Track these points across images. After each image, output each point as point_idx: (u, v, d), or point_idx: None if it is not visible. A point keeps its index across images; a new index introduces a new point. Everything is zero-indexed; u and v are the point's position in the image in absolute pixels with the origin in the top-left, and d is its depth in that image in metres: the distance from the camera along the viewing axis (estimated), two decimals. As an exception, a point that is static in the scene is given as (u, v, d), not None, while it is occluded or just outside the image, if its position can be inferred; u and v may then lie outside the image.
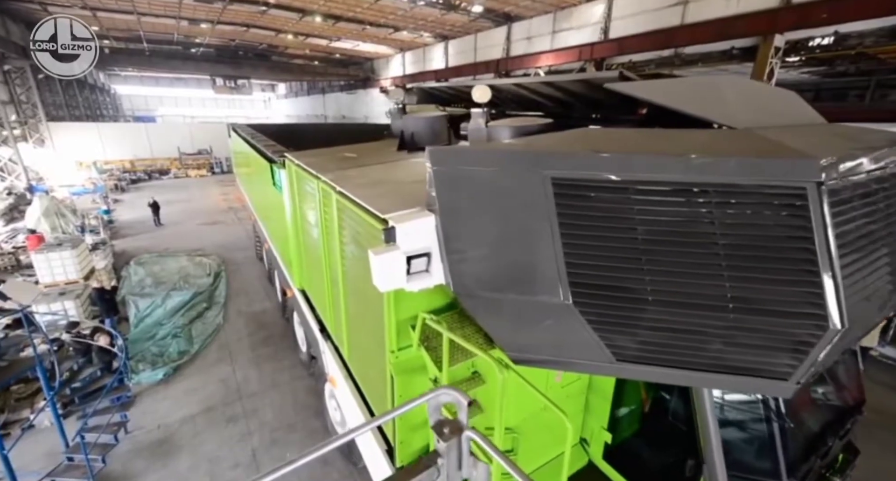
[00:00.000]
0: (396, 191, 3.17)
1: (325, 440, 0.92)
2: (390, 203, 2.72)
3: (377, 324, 3.10)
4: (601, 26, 15.01)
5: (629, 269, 1.85)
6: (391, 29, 22.23)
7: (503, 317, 2.26)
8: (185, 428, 6.21)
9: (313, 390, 6.91)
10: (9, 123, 18.85)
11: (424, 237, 2.31)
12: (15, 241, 13.24)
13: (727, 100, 2.78)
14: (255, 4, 18.66)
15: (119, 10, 19.68)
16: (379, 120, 29.34)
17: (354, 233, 3.23)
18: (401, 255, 2.25)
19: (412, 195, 2.81)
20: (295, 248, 5.69)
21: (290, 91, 49.04)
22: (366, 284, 2.99)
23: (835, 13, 9.39)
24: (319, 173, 4.01)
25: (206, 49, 29.99)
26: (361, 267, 3.18)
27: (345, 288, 3.86)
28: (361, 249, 3.05)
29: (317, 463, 5.45)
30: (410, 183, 3.41)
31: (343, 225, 3.50)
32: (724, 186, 1.71)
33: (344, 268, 3.77)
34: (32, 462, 5.58)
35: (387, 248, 2.28)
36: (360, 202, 2.98)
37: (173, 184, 25.47)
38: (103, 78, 38.85)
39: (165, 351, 7.84)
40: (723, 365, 1.85)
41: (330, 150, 5.36)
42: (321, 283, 4.64)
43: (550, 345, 2.17)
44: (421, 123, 4.81)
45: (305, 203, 4.80)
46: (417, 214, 2.35)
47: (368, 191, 3.21)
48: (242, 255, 12.91)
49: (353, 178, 3.73)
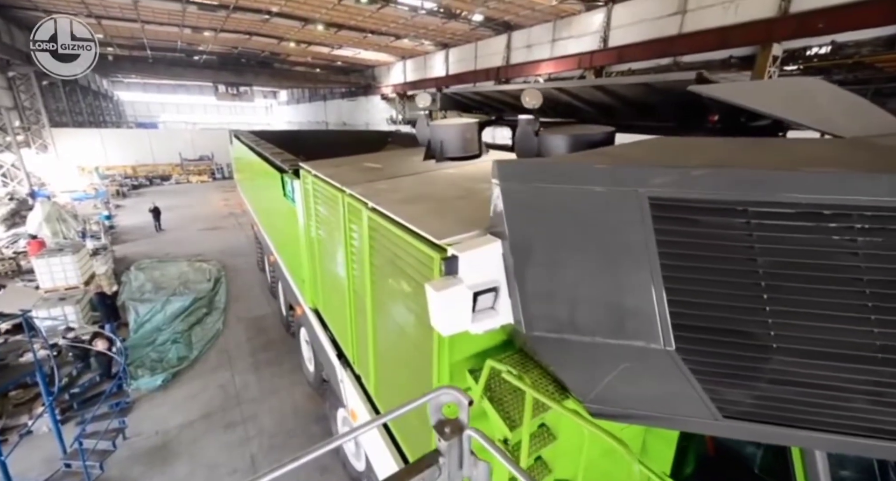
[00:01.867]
0: (441, 209, 2.75)
1: (322, 442, 0.92)
2: (441, 224, 2.36)
3: (421, 366, 2.66)
4: (600, 35, 15.19)
5: (748, 310, 1.54)
6: (392, 37, 22.49)
7: (584, 363, 1.94)
8: (184, 434, 6.18)
9: (312, 396, 6.89)
10: (12, 129, 18.98)
11: (491, 268, 1.96)
12: (16, 246, 13.27)
13: (821, 104, 2.45)
14: (257, 13, 18.90)
15: (123, 18, 19.92)
16: (380, 127, 29.66)
17: (391, 256, 2.81)
18: (466, 291, 1.90)
19: (460, 214, 2.51)
20: (309, 266, 5.27)
21: (291, 98, 49.43)
22: (406, 317, 2.73)
23: (832, 23, 9.51)
24: (344, 186, 3.57)
25: (208, 56, 30.31)
26: (399, 297, 2.81)
27: (374, 317, 3.41)
28: (401, 277, 2.69)
29: (315, 470, 5.42)
30: (454, 199, 2.99)
31: (375, 246, 3.08)
32: (876, 209, 1.35)
33: (374, 296, 3.32)
34: (30, 468, 5.54)
35: (448, 282, 1.92)
36: (405, 223, 2.54)
37: (174, 190, 25.55)
38: (106, 84, 39.21)
39: (165, 356, 7.82)
40: (865, 427, 1.51)
41: (348, 160, 4.98)
42: (341, 308, 4.20)
43: (640, 397, 1.87)
44: (451, 132, 4.45)
45: (324, 218, 4.34)
46: (481, 240, 1.99)
47: (409, 208, 2.78)
48: (242, 261, 12.93)
49: (385, 193, 3.27)
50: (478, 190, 3.19)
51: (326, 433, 6.10)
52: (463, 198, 3.00)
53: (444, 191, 3.29)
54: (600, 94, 3.59)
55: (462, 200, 2.92)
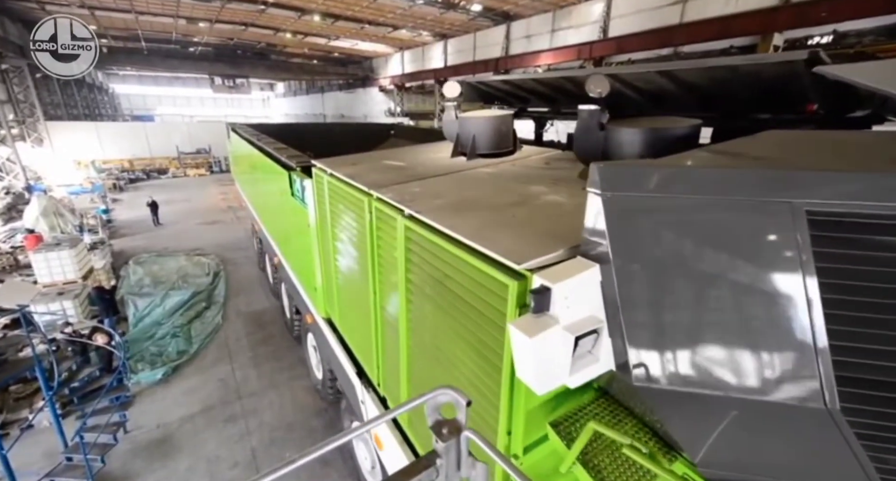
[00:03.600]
0: (499, 220, 2.30)
1: (324, 440, 0.91)
2: (511, 241, 1.96)
3: (483, 411, 2.20)
4: (600, 25, 15.04)
5: None
6: (390, 28, 22.22)
7: (706, 421, 1.55)
8: (185, 427, 6.21)
9: (312, 391, 6.92)
10: (7, 123, 18.79)
11: (589, 301, 1.57)
12: (13, 241, 13.22)
13: None
14: (253, 3, 18.63)
15: (117, 9, 19.62)
16: (378, 119, 29.46)
17: (438, 275, 2.37)
18: (566, 336, 1.50)
19: (525, 227, 2.12)
20: (322, 273, 4.85)
21: (288, 90, 48.99)
22: (459, 350, 2.32)
23: (834, 12, 9.41)
24: (371, 188, 3.14)
25: (204, 48, 29.93)
26: (449, 324, 2.36)
27: (410, 342, 2.97)
28: (454, 302, 2.26)
29: (316, 464, 5.45)
30: (508, 206, 2.53)
31: (414, 260, 2.65)
32: None
33: (411, 317, 2.88)
34: (31, 462, 5.58)
35: (540, 324, 1.50)
36: (464, 239, 2.09)
37: (172, 184, 25.43)
38: (101, 77, 38.75)
39: (164, 350, 7.84)
40: None
41: (365, 156, 4.57)
42: (364, 324, 3.79)
43: (774, 462, 1.49)
44: (484, 125, 3.97)
45: (344, 223, 3.87)
46: (574, 266, 1.59)
47: (459, 218, 2.35)
48: (241, 255, 12.90)
49: (422, 198, 2.81)
50: (531, 194, 2.77)
51: (327, 427, 6.14)
52: (519, 205, 2.55)
53: (492, 197, 2.79)
54: (663, 80, 3.04)
55: (519, 208, 2.48)
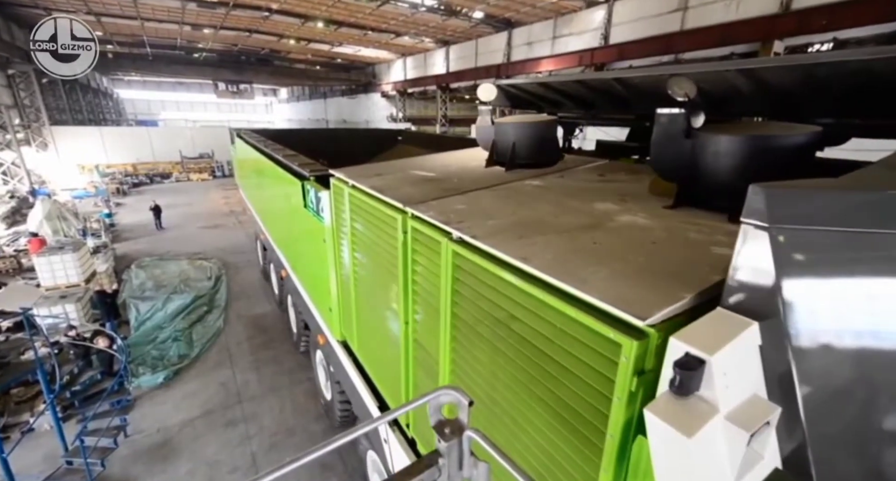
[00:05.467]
0: (576, 248, 1.86)
1: (324, 441, 0.92)
2: (603, 278, 1.55)
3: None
4: (601, 32, 15.18)
5: None
6: (392, 34, 22.43)
7: None
8: (185, 431, 6.20)
9: (312, 395, 6.91)
10: (12, 127, 18.96)
11: (747, 376, 1.15)
12: (17, 244, 13.29)
13: None
14: (257, 10, 18.87)
15: (123, 16, 19.88)
16: (380, 124, 29.68)
17: (502, 315, 1.93)
18: (735, 433, 1.06)
19: (618, 261, 1.69)
20: (339, 293, 4.49)
21: (291, 95, 49.37)
22: (522, 406, 1.89)
23: (834, 20, 9.47)
24: (406, 204, 2.73)
25: (208, 54, 30.24)
26: (509, 376, 1.94)
27: (451, 378, 2.55)
28: (521, 348, 1.82)
29: (316, 467, 5.44)
30: (580, 230, 2.09)
31: (463, 292, 2.21)
32: None
33: (453, 359, 2.44)
34: (32, 466, 5.57)
35: (690, 411, 1.07)
36: (548, 277, 1.62)
37: (175, 188, 25.56)
38: (106, 82, 39.14)
39: (166, 354, 7.85)
40: None
41: (388, 166, 4.19)
42: (392, 359, 3.38)
43: None
44: (526, 132, 3.55)
45: (368, 242, 3.45)
46: (723, 324, 1.17)
47: (526, 246, 1.91)
48: (243, 259, 12.94)
49: (469, 217, 2.39)
50: (602, 214, 2.32)
51: (326, 430, 6.13)
52: (593, 228, 2.09)
53: (556, 217, 2.33)
54: (740, 80, 2.62)
55: (595, 232, 2.02)
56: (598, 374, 1.45)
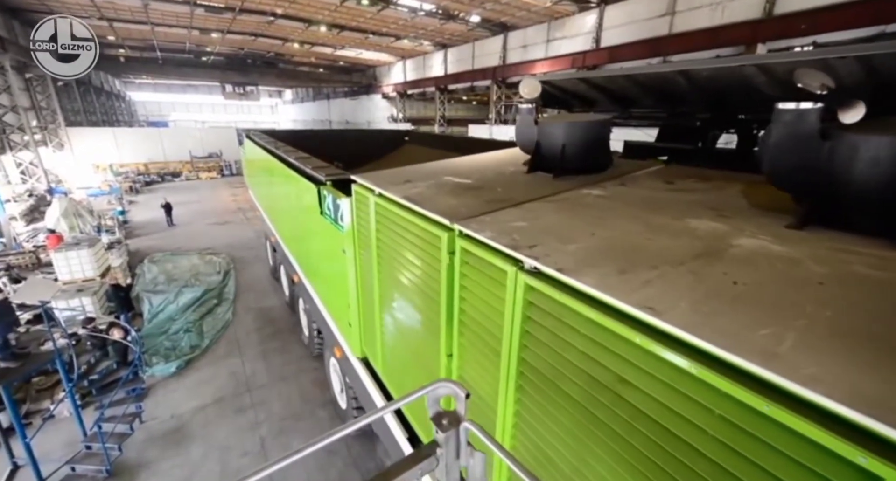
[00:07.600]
0: (710, 291, 1.38)
1: (330, 430, 0.97)
2: (800, 353, 1.06)
3: None
4: (593, 36, 15.46)
5: None
6: (393, 37, 22.67)
7: None
8: (197, 418, 6.42)
9: (319, 383, 7.09)
10: (30, 128, 19.45)
11: None
12: (35, 241, 13.69)
13: None
14: (263, 15, 19.17)
15: (134, 21, 20.31)
16: (381, 124, 30.01)
17: (606, 378, 1.47)
18: None
19: (778, 311, 1.24)
20: (360, 309, 4.12)
21: (296, 97, 49.85)
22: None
23: (813, 24, 9.76)
24: (454, 221, 2.28)
25: (216, 57, 30.71)
26: (610, 453, 1.49)
27: (516, 447, 2.12)
28: (641, 428, 1.36)
29: (322, 452, 5.61)
30: (695, 259, 1.63)
31: (531, 331, 1.82)
32: None
33: (518, 419, 2.01)
34: (53, 450, 5.80)
35: None
36: (719, 352, 1.11)
37: (185, 187, 25.99)
38: (119, 85, 39.87)
39: (178, 345, 8.08)
40: None
41: (416, 170, 3.79)
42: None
43: None
44: (578, 133, 3.09)
45: (400, 258, 2.99)
46: None
47: (637, 287, 1.44)
48: (251, 254, 13.19)
49: (537, 237, 1.95)
50: (709, 236, 1.84)
51: (333, 417, 6.30)
52: (712, 257, 1.62)
53: (650, 240, 1.83)
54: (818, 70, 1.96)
55: (724, 265, 1.54)
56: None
